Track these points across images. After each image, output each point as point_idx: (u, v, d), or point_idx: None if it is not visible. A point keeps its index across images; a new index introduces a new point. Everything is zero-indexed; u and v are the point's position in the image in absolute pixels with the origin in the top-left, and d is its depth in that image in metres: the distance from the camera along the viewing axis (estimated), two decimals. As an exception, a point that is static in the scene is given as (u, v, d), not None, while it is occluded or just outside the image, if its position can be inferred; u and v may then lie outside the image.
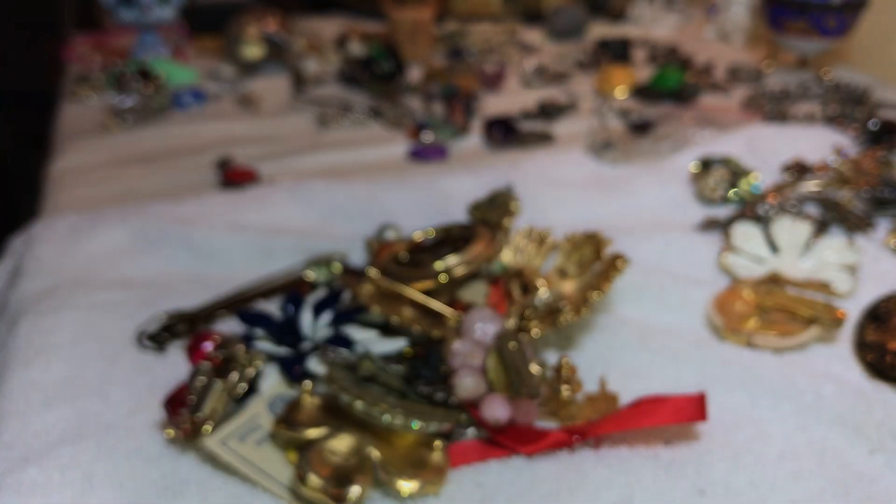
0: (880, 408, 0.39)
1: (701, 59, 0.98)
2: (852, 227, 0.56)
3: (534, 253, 0.51)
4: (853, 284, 0.49)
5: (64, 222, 0.56)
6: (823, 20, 0.86)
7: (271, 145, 0.73)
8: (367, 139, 0.75)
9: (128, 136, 0.75)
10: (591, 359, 0.44)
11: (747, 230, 0.54)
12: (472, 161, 0.70)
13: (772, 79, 0.93)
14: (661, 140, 0.69)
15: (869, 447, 0.37)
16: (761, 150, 0.69)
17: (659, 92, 0.85)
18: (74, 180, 0.66)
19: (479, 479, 0.36)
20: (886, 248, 0.54)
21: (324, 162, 0.70)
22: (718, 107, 0.82)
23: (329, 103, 0.82)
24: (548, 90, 0.90)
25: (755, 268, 0.51)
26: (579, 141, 0.72)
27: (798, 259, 0.52)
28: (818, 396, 0.40)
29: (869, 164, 0.63)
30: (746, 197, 0.61)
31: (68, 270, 0.52)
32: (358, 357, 0.39)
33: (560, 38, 1.12)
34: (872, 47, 0.97)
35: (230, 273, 0.52)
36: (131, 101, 0.77)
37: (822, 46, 0.89)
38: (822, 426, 0.39)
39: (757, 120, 0.77)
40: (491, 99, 0.86)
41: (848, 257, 0.51)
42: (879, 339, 0.44)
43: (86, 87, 0.86)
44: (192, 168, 0.68)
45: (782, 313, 0.46)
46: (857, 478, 0.36)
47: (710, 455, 0.37)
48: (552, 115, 0.81)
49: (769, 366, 0.42)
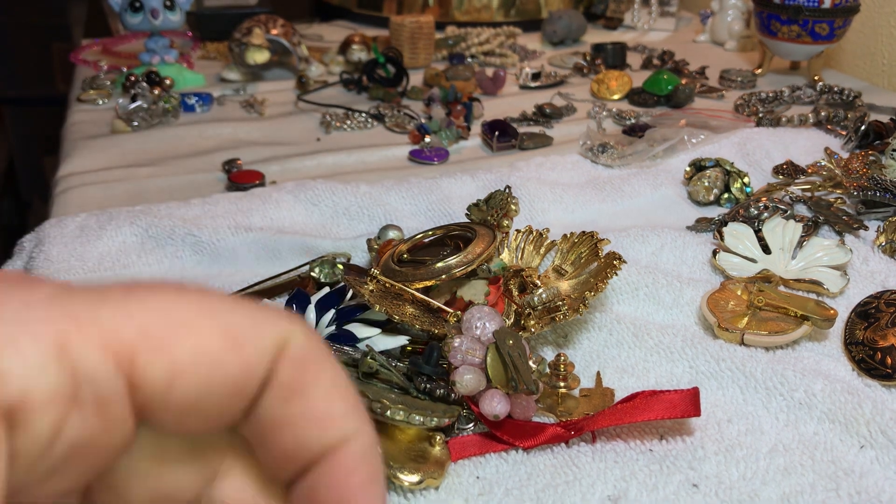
0: (870, 404, 0.39)
1: (695, 63, 0.99)
2: (843, 227, 0.57)
3: (532, 252, 0.52)
4: (843, 284, 0.50)
5: (73, 222, 0.57)
6: (815, 25, 0.87)
7: (276, 148, 0.74)
8: (370, 142, 0.76)
9: (136, 139, 0.76)
10: (588, 355, 0.45)
11: (739, 230, 0.54)
12: (472, 163, 0.71)
13: (764, 83, 0.94)
14: (656, 143, 0.70)
15: (859, 442, 0.38)
16: (753, 153, 0.70)
17: (654, 96, 0.87)
18: (83, 182, 0.66)
19: (478, 472, 0.36)
20: (876, 248, 0.55)
21: (327, 164, 0.71)
22: (712, 110, 0.83)
23: (332, 107, 0.83)
24: (546, 94, 0.91)
25: (747, 267, 0.52)
26: (576, 144, 0.73)
27: (789, 259, 0.53)
28: (809, 393, 0.40)
29: (859, 165, 0.65)
30: (739, 198, 0.62)
31: (77, 269, 0.52)
32: (360, 354, 0.40)
33: (558, 43, 1.13)
34: (863, 51, 0.98)
35: (236, 272, 0.53)
36: (139, 105, 0.78)
37: (814, 51, 0.90)
38: (813, 422, 0.39)
39: (749, 123, 0.78)
40: (490, 103, 0.87)
41: (838, 257, 0.52)
42: (869, 336, 0.45)
43: (94, 91, 0.87)
44: (198, 170, 0.69)
45: (774, 312, 0.46)
46: (847, 472, 0.36)
47: (703, 449, 0.37)
48: (550, 119, 0.82)
49: (761, 363, 0.42)
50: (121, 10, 0.87)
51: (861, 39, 0.98)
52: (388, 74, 0.88)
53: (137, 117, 0.78)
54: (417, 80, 0.93)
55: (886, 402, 0.40)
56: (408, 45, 0.96)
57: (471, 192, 0.62)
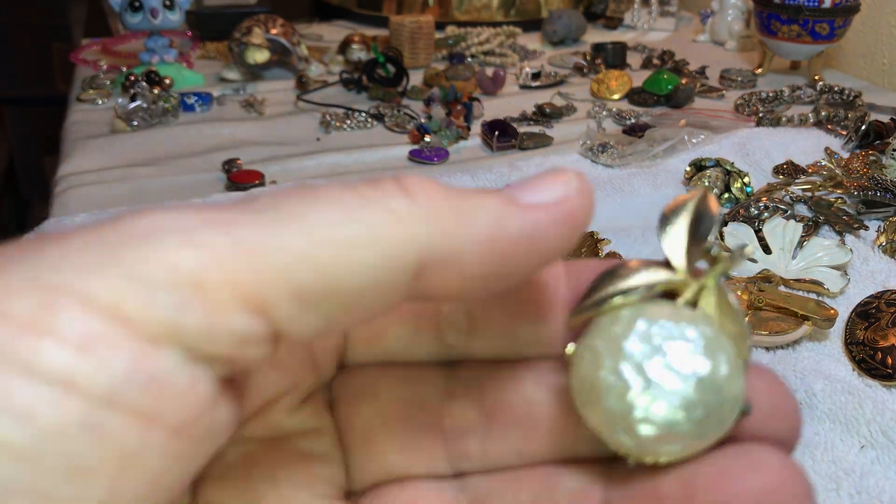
0: (870, 404, 0.39)
1: (695, 63, 0.99)
2: (843, 227, 0.57)
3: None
4: (844, 284, 0.50)
5: (73, 222, 0.57)
6: (815, 25, 0.87)
7: (276, 148, 0.74)
8: (369, 142, 0.76)
9: (135, 139, 0.76)
10: (589, 355, 0.45)
11: (740, 230, 0.54)
12: (472, 163, 0.71)
13: (764, 82, 0.94)
14: (656, 143, 0.70)
15: (859, 442, 0.38)
16: (754, 153, 0.70)
17: (654, 95, 0.87)
18: (83, 182, 0.66)
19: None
20: (876, 248, 0.55)
21: (327, 164, 0.71)
22: (712, 110, 0.83)
23: (332, 106, 0.83)
24: (546, 94, 0.91)
25: (747, 267, 0.52)
26: (576, 143, 0.73)
27: (790, 259, 0.53)
28: (810, 393, 0.40)
29: (859, 165, 0.65)
30: (739, 198, 0.62)
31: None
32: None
33: (558, 43, 1.13)
34: (863, 51, 0.99)
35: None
36: (138, 104, 0.78)
37: (814, 51, 0.90)
38: (814, 422, 0.39)
39: (750, 123, 0.78)
40: (490, 103, 0.87)
41: (839, 257, 0.52)
42: (869, 336, 0.45)
43: (94, 91, 0.87)
44: (198, 170, 0.69)
45: (774, 312, 0.46)
46: (847, 472, 0.36)
47: (703, 448, 0.38)
48: (550, 119, 0.82)
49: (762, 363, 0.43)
50: (120, 9, 0.87)
51: (861, 39, 0.98)
52: (387, 74, 0.88)
53: (137, 117, 0.78)
54: (417, 79, 0.93)
55: (887, 403, 0.40)
56: (408, 45, 0.96)
57: (471, 191, 0.62)
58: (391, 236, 0.13)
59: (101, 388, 0.11)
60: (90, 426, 0.11)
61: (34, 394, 0.10)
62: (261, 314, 0.12)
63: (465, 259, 0.14)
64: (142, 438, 0.11)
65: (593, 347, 0.16)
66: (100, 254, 0.12)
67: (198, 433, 0.12)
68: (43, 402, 0.11)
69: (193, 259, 0.12)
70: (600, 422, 0.16)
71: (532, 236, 0.14)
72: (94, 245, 0.12)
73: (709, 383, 0.15)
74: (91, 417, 0.11)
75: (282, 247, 0.12)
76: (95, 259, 0.12)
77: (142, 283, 0.11)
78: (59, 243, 0.12)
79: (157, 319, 0.11)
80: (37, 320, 0.11)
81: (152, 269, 0.12)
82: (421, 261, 0.13)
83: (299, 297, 0.12)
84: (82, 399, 0.11)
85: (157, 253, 0.12)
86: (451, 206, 0.14)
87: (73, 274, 0.11)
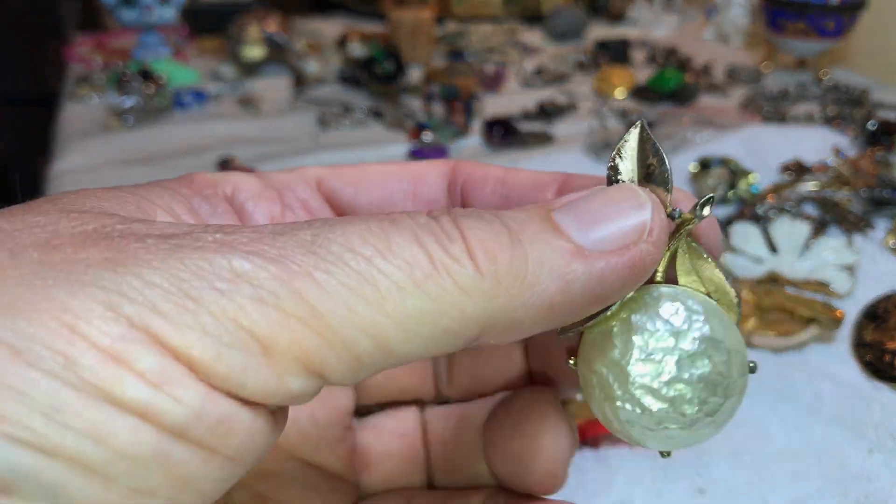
0: (879, 407, 0.39)
1: (700, 60, 0.98)
2: (851, 227, 0.56)
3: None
4: (851, 284, 0.49)
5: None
6: (822, 21, 0.86)
7: (272, 145, 0.73)
8: (368, 139, 0.75)
9: (129, 136, 0.75)
10: (591, 358, 0.44)
11: (746, 230, 0.54)
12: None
13: (770, 80, 0.93)
14: (661, 140, 0.70)
15: (867, 446, 0.37)
16: (760, 151, 0.69)
17: (658, 93, 0.86)
18: (76, 180, 0.66)
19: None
20: (884, 249, 0.54)
21: (324, 162, 0.70)
22: (717, 107, 0.82)
23: (330, 104, 0.82)
24: (547, 91, 0.90)
25: (754, 268, 0.51)
26: (578, 141, 0.72)
27: (797, 259, 0.52)
28: (817, 396, 0.40)
29: (867, 164, 0.64)
30: (745, 197, 0.61)
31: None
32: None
33: (559, 39, 1.12)
34: (871, 48, 0.97)
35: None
36: (132, 102, 0.77)
37: (821, 47, 0.89)
38: (821, 425, 0.39)
39: (756, 121, 0.77)
40: (491, 100, 0.86)
41: (846, 257, 0.51)
42: (878, 338, 0.44)
43: (87, 88, 0.86)
44: (193, 167, 0.68)
45: (781, 313, 0.46)
46: (855, 477, 0.36)
47: (709, 454, 0.37)
48: (551, 116, 0.81)
49: (768, 365, 0.42)
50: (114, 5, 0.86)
51: (869, 36, 0.97)
52: (386, 71, 0.87)
53: (131, 114, 0.77)
54: (417, 76, 0.92)
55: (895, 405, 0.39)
56: (407, 42, 0.95)
57: (471, 190, 0.62)
58: (455, 315, 0.14)
59: (174, 422, 0.12)
60: (159, 454, 0.12)
61: (113, 420, 0.12)
62: (318, 377, 0.13)
63: (525, 324, 0.14)
64: (202, 467, 0.13)
65: (600, 374, 0.16)
66: (176, 295, 0.12)
67: (249, 458, 0.14)
68: (119, 429, 0.12)
69: (265, 324, 0.13)
70: (635, 441, 0.17)
71: (594, 292, 0.15)
72: (169, 280, 0.12)
73: (712, 380, 0.17)
74: (161, 446, 0.12)
75: (351, 321, 0.13)
76: (171, 299, 0.12)
77: (212, 338, 0.12)
78: (135, 259, 0.13)
79: (223, 374, 0.12)
80: (118, 352, 0.12)
81: (224, 326, 0.12)
82: (481, 332, 0.14)
83: (357, 364, 0.13)
84: (155, 429, 0.12)
85: (232, 308, 0.12)
86: (515, 274, 0.14)
87: (148, 312, 0.12)
